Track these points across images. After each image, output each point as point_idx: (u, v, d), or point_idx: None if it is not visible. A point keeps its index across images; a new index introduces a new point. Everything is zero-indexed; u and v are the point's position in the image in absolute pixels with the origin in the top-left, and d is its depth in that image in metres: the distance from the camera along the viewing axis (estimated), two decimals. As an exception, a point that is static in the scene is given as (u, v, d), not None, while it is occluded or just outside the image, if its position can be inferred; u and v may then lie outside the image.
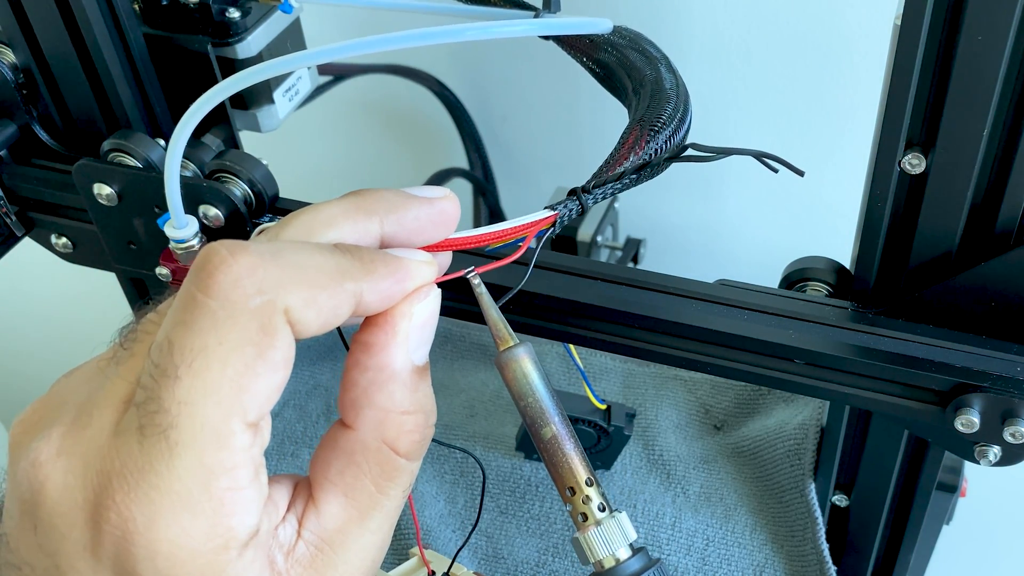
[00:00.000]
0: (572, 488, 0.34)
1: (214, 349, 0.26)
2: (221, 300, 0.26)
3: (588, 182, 0.37)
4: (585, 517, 0.34)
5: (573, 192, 0.37)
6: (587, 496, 0.34)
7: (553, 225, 0.36)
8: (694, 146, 0.39)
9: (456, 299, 0.44)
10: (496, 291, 0.35)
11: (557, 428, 0.34)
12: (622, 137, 0.40)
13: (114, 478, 0.26)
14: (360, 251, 0.30)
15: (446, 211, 0.33)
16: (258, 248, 0.27)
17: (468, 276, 0.34)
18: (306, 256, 0.28)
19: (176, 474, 0.26)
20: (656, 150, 0.39)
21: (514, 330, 0.34)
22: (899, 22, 0.35)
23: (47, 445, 0.27)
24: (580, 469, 0.34)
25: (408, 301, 0.31)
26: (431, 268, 0.32)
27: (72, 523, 0.27)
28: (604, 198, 0.38)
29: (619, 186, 0.38)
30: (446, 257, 0.35)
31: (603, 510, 0.34)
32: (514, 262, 0.35)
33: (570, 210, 0.36)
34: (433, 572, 0.48)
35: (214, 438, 0.26)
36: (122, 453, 0.26)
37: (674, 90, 0.42)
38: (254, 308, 0.27)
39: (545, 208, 0.36)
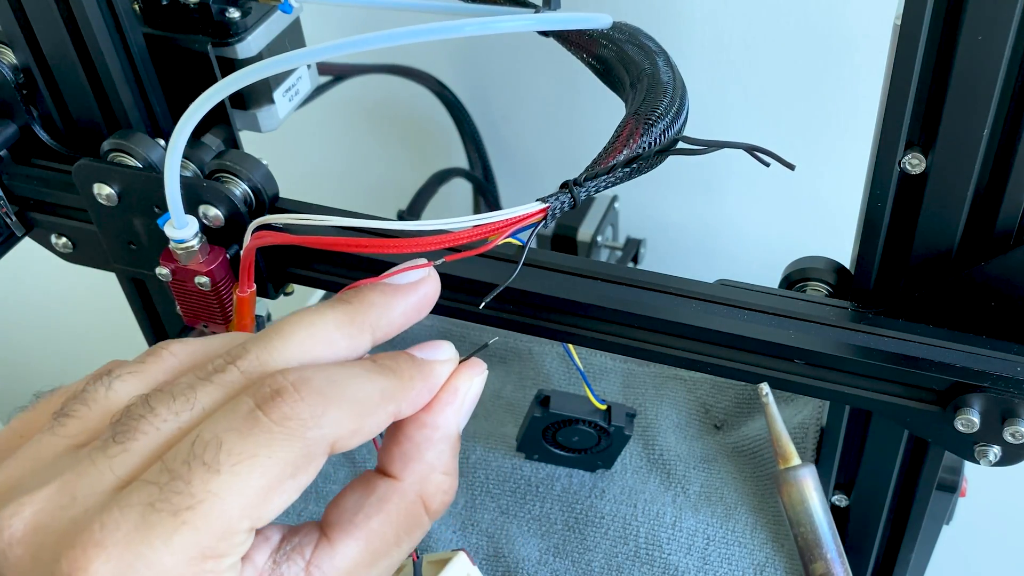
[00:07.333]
0: None
1: (262, 460, 0.28)
2: (282, 426, 0.29)
3: (580, 175, 0.37)
4: None
5: (565, 185, 0.37)
6: None
7: (544, 218, 0.36)
8: (685, 139, 0.39)
9: (455, 299, 0.44)
10: (483, 288, 0.35)
11: (829, 566, 0.31)
12: (617, 130, 0.39)
13: (91, 548, 0.27)
14: (399, 367, 0.33)
15: (427, 295, 0.35)
16: (320, 384, 0.30)
17: (758, 387, 0.33)
18: (358, 387, 0.31)
19: (171, 548, 0.27)
20: (650, 143, 0.39)
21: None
22: (899, 22, 0.35)
23: (20, 520, 0.28)
24: None
25: (469, 373, 0.35)
26: (455, 363, 0.35)
27: None
28: (597, 191, 0.37)
29: (611, 179, 0.37)
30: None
31: None
32: (505, 259, 0.35)
33: (562, 203, 0.36)
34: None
35: (222, 529, 0.28)
36: (108, 526, 0.27)
37: (671, 83, 0.42)
38: (308, 438, 0.29)
39: (536, 200, 0.36)
